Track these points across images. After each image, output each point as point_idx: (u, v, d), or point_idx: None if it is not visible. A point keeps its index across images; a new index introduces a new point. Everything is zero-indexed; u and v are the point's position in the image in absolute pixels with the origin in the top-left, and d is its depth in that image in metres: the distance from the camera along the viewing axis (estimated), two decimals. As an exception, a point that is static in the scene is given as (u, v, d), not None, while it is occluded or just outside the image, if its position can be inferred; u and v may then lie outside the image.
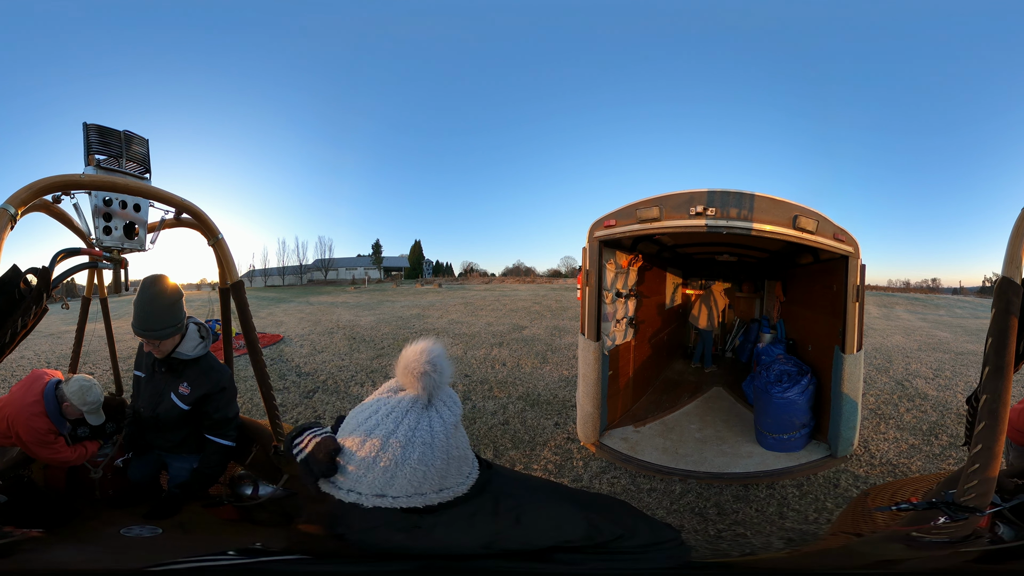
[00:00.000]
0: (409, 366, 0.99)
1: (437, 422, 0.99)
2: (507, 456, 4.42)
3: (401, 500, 0.98)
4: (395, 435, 0.96)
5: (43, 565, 1.31)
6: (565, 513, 1.09)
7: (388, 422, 0.97)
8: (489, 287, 36.59)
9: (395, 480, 0.96)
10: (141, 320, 2.11)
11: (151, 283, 2.13)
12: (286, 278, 54.35)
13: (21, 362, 8.12)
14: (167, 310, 2.13)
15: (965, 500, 1.29)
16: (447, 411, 1.02)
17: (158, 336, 2.12)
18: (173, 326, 2.15)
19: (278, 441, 2.47)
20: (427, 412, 0.99)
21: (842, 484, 3.75)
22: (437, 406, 1.01)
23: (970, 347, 9.98)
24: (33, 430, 2.27)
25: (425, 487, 0.99)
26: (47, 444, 2.31)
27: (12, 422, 2.27)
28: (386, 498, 0.97)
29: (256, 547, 1.31)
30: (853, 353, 3.86)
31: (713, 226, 3.73)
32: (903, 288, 50.84)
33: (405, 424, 0.97)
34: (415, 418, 0.98)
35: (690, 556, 1.22)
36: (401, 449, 0.95)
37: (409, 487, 0.97)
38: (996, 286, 1.46)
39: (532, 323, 12.74)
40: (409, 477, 0.96)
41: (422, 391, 0.98)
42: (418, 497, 0.98)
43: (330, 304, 20.56)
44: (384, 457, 0.95)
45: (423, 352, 0.99)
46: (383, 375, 7.32)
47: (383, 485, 0.97)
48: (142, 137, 2.12)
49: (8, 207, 1.66)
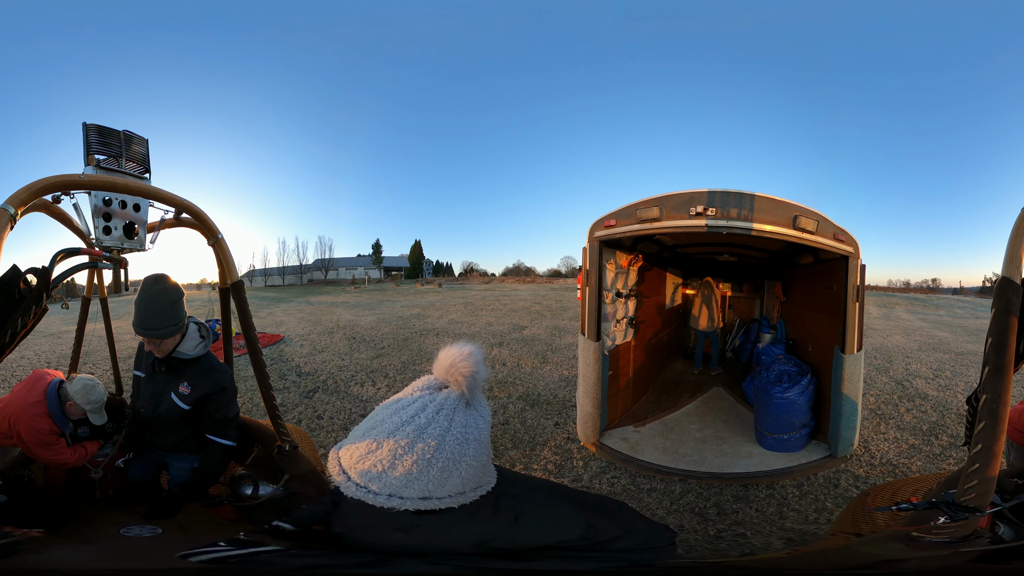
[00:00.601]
0: (456, 365, 0.98)
1: (481, 420, 1.00)
2: (507, 456, 4.41)
3: (446, 500, 0.96)
4: (450, 432, 0.95)
5: (44, 565, 1.31)
6: (564, 513, 1.09)
7: (440, 419, 0.95)
8: (489, 287, 36.60)
9: (450, 479, 0.95)
10: (142, 319, 2.11)
11: (153, 282, 2.13)
12: (286, 278, 54.35)
13: (21, 362, 8.13)
14: (169, 309, 2.13)
15: (965, 500, 1.29)
16: (485, 411, 1.03)
17: (159, 335, 2.12)
18: (174, 325, 2.15)
19: (282, 441, 2.47)
20: (471, 410, 1.00)
21: (842, 484, 3.75)
22: (475, 406, 1.01)
23: (970, 347, 9.98)
24: (35, 430, 2.27)
25: (469, 485, 0.99)
26: (48, 445, 2.31)
27: (14, 422, 2.26)
28: (431, 500, 0.96)
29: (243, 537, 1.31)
30: (853, 353, 3.86)
31: (713, 226, 3.73)
32: (903, 288, 50.86)
33: (458, 421, 0.96)
34: (464, 416, 0.98)
35: (681, 557, 1.23)
36: (459, 446, 0.94)
37: (460, 486, 0.97)
38: (996, 286, 1.45)
39: (532, 323, 12.74)
40: (464, 475, 0.96)
41: (467, 391, 0.98)
42: (459, 496, 0.98)
43: (330, 304, 20.57)
44: (441, 457, 0.93)
45: (470, 354, 0.99)
46: (383, 375, 7.32)
47: (436, 486, 0.94)
48: (142, 137, 2.12)
49: (8, 207, 1.66)
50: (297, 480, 2.41)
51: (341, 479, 0.99)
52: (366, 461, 0.96)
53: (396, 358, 8.54)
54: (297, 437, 2.67)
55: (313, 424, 5.28)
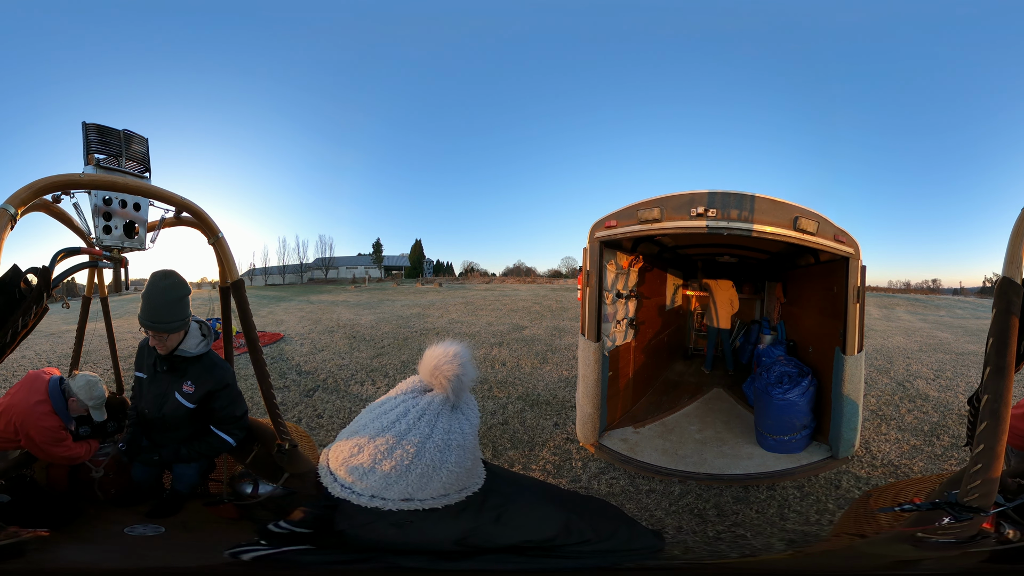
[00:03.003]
0: (440, 368, 0.96)
1: (466, 424, 0.98)
2: (506, 456, 4.41)
3: (428, 502, 0.96)
4: (431, 439, 0.93)
5: (52, 565, 1.31)
6: (543, 512, 1.10)
7: (422, 425, 0.94)
8: (489, 287, 36.60)
9: (430, 484, 0.94)
10: (150, 312, 2.10)
11: (163, 276, 2.14)
12: (286, 277, 54.39)
13: (22, 362, 8.12)
14: (177, 304, 2.14)
15: (969, 500, 1.29)
16: (472, 413, 1.01)
17: (167, 329, 2.13)
18: (181, 320, 2.16)
19: (282, 440, 2.47)
20: (456, 414, 0.98)
21: (843, 485, 3.74)
22: (462, 408, 1.00)
23: (971, 348, 9.97)
24: (45, 429, 2.27)
25: (452, 488, 0.98)
26: (60, 442, 2.32)
27: (21, 424, 2.25)
28: (413, 501, 0.95)
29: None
30: (854, 354, 3.85)
31: (714, 227, 3.73)
32: (904, 289, 50.84)
33: (440, 427, 0.94)
34: (447, 421, 0.96)
35: (673, 559, 1.23)
36: (439, 453, 0.93)
37: (442, 489, 0.96)
38: (996, 286, 1.45)
39: (532, 323, 12.74)
40: (444, 480, 0.95)
41: (452, 394, 0.96)
42: (442, 498, 0.97)
43: (330, 303, 20.56)
44: (420, 463, 0.92)
45: (455, 355, 0.97)
46: (383, 374, 7.32)
47: (416, 489, 0.94)
48: (141, 136, 2.12)
49: (8, 207, 1.66)
50: (297, 479, 2.41)
51: (328, 478, 1.00)
52: (350, 462, 0.96)
53: (396, 357, 8.54)
54: (297, 436, 2.68)
55: (313, 423, 5.28)
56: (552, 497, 1.23)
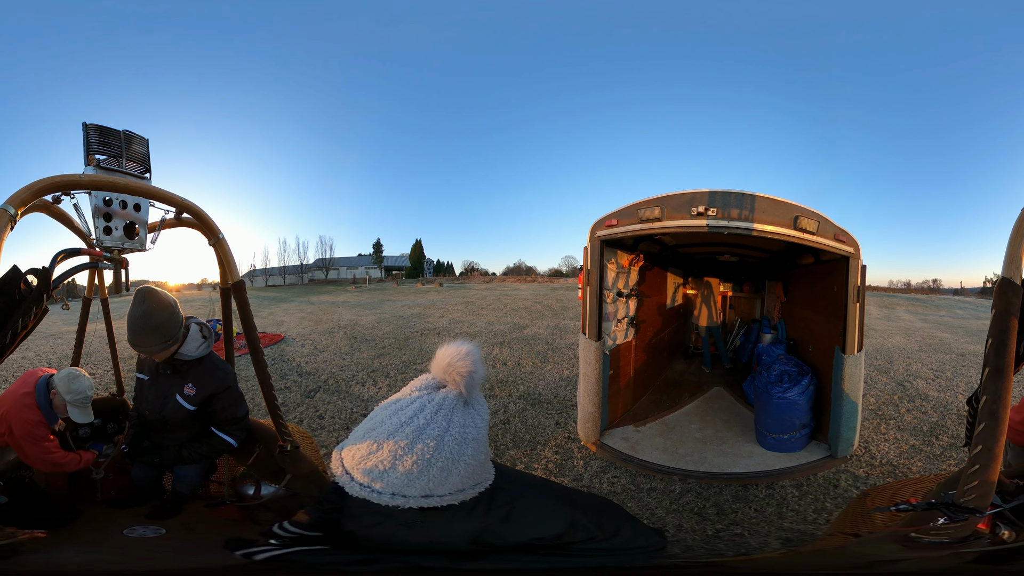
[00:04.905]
0: (453, 364, 0.99)
1: (479, 419, 1.02)
2: (508, 455, 4.42)
3: (446, 498, 0.99)
4: (449, 432, 0.96)
5: (48, 567, 1.31)
6: (549, 510, 1.11)
7: (439, 419, 0.96)
8: (490, 286, 36.59)
9: (449, 478, 0.97)
10: (131, 336, 2.11)
11: (140, 300, 2.09)
12: (287, 278, 54.38)
13: (22, 363, 8.13)
14: (155, 330, 2.08)
15: (965, 501, 1.29)
16: (482, 408, 1.04)
17: (151, 352, 2.14)
18: (166, 342, 2.13)
19: (284, 441, 2.47)
20: (468, 409, 1.01)
21: (842, 484, 3.75)
22: (473, 403, 1.03)
23: (971, 348, 9.96)
24: (24, 421, 2.25)
25: (468, 482, 1.01)
26: (37, 440, 2.27)
27: (6, 416, 2.25)
28: (432, 497, 0.98)
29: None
30: (854, 354, 3.85)
31: (714, 226, 3.73)
32: (904, 289, 50.81)
33: (456, 421, 0.98)
34: (462, 415, 0.99)
35: (674, 558, 1.23)
36: (457, 446, 0.96)
37: (459, 483, 0.99)
38: (996, 287, 1.45)
39: (533, 322, 12.74)
40: (462, 473, 0.98)
41: (465, 389, 0.99)
42: (459, 493, 1.00)
43: (331, 303, 20.56)
44: (441, 457, 0.95)
45: (467, 353, 1.00)
46: (384, 374, 7.33)
47: (436, 484, 0.96)
48: (142, 137, 2.12)
49: (8, 207, 1.66)
50: (299, 480, 2.41)
51: (345, 478, 1.01)
52: (368, 461, 0.97)
53: (397, 357, 8.54)
54: (298, 437, 2.68)
55: (314, 424, 5.28)
56: (556, 494, 1.24)
